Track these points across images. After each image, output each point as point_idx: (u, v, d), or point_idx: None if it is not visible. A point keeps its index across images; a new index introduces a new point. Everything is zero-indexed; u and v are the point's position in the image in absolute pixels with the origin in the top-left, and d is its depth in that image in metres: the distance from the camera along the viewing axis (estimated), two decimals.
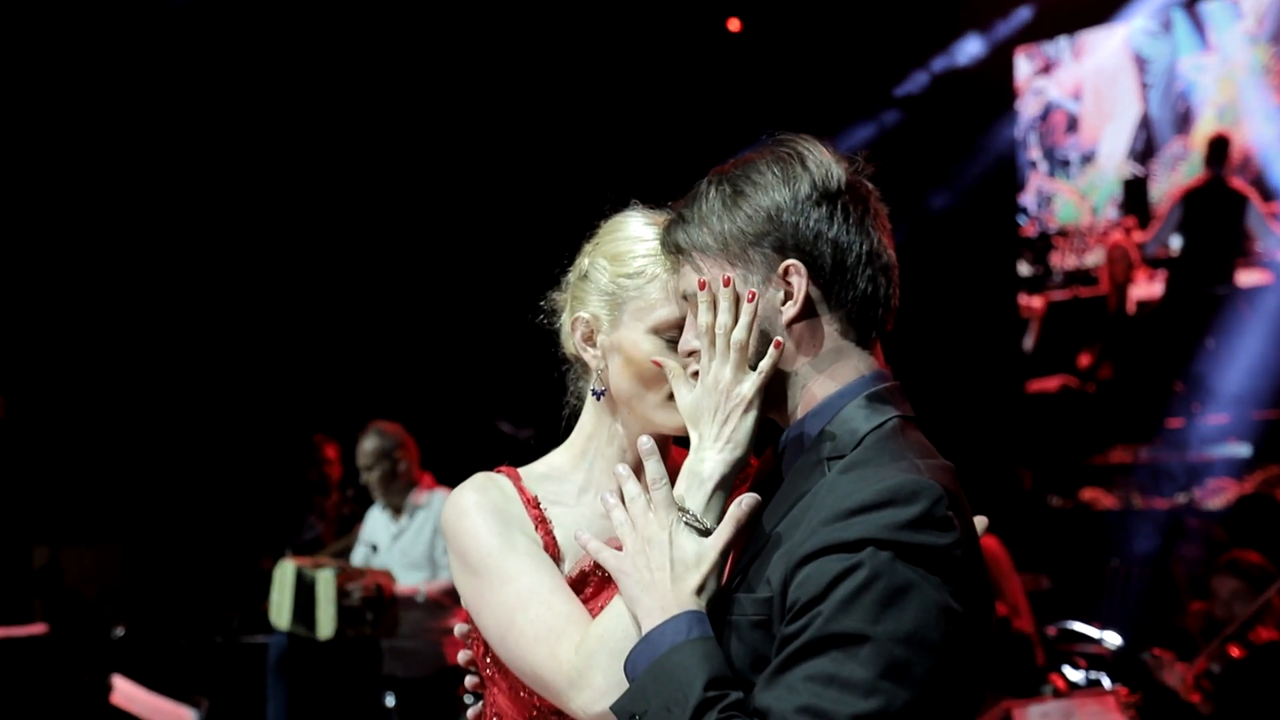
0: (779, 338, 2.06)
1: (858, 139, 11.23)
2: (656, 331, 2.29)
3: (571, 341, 2.42)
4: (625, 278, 2.32)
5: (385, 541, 7.31)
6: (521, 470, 2.41)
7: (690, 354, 2.17)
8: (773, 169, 2.10)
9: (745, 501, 2.02)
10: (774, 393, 2.10)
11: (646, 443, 2.07)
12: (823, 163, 2.09)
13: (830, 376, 2.09)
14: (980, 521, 2.12)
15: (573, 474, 2.41)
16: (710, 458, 2.06)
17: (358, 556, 7.28)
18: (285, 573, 6.94)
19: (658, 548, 2.01)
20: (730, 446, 2.06)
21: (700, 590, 1.99)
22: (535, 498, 2.34)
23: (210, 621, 9.33)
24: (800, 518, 1.96)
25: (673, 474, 2.13)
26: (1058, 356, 11.86)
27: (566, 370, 2.48)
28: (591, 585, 2.27)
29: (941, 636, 1.84)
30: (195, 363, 10.37)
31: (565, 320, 2.44)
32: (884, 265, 2.10)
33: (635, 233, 2.36)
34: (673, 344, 2.26)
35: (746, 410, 2.06)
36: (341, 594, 6.72)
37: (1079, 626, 7.52)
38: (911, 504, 1.88)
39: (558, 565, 2.27)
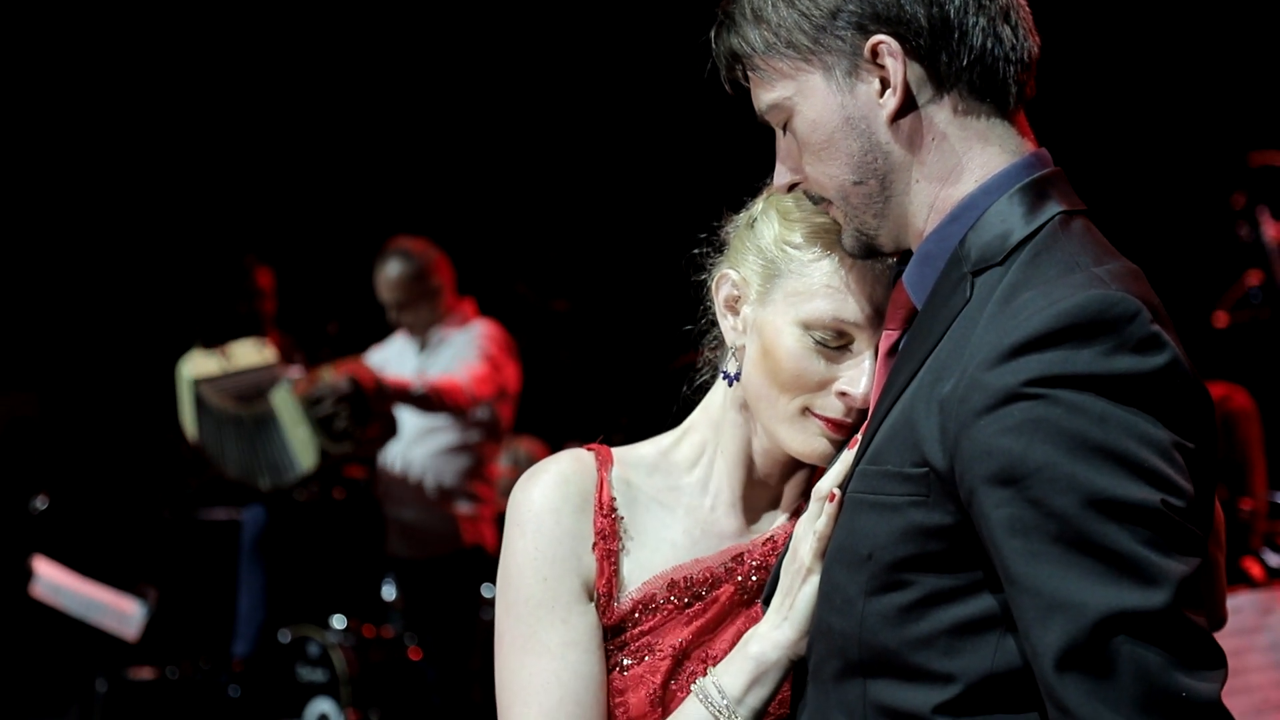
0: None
1: None
2: (807, 326, 2.06)
3: (715, 301, 2.21)
4: (790, 246, 2.09)
5: (407, 375, 6.54)
6: (620, 453, 2.20)
7: (790, 187, 2.00)
8: None
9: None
10: (894, 217, 1.90)
11: None
12: None
13: (963, 171, 1.86)
14: None
15: (690, 469, 2.22)
16: (763, 633, 2.00)
17: None
18: (185, 387, 6.40)
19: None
20: (787, 624, 1.98)
21: None
22: (614, 502, 2.15)
23: (158, 490, 8.77)
24: (949, 360, 1.76)
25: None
26: None
27: (707, 330, 2.26)
28: (663, 613, 2.12)
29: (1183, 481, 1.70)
30: (117, 167, 9.75)
31: (715, 272, 2.23)
32: (1002, 6, 1.85)
33: None
34: (823, 349, 2.05)
35: (806, 578, 1.96)
36: (310, 406, 5.99)
37: None
38: (1102, 325, 1.66)
39: (610, 600, 2.12)
